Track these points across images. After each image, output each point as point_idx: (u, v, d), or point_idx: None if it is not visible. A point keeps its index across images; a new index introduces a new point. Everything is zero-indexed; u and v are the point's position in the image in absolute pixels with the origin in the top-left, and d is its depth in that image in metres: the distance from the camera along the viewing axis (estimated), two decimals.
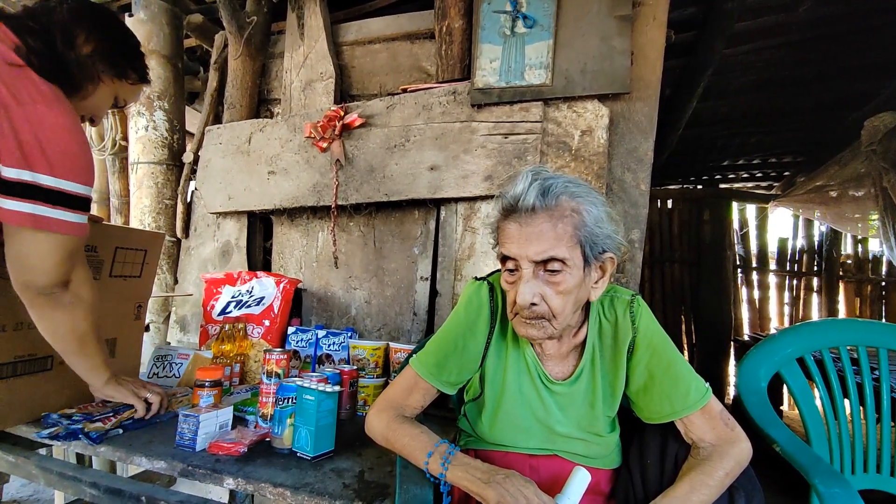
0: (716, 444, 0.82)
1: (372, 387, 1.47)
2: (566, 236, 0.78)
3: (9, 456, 1.15)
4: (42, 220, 0.93)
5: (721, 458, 0.79)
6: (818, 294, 4.75)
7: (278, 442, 1.12)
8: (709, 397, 0.84)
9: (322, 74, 2.01)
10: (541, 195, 0.79)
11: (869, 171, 2.90)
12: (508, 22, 1.61)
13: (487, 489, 0.73)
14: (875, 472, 1.29)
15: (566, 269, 0.79)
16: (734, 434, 0.83)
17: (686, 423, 0.85)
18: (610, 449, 0.96)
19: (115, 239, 1.40)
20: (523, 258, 0.80)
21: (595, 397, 0.92)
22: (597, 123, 1.56)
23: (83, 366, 1.17)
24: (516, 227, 0.80)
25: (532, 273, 0.80)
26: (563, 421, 0.93)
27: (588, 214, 0.80)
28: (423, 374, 0.95)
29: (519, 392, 0.94)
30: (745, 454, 0.81)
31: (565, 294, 0.80)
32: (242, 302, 1.77)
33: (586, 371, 0.93)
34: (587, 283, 0.84)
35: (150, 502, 0.99)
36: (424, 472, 0.84)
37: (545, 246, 0.78)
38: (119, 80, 1.13)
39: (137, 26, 2.14)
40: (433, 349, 0.97)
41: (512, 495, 0.71)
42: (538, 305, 0.81)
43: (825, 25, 2.40)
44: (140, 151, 2.19)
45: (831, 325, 1.50)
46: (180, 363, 1.58)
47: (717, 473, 0.78)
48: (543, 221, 0.78)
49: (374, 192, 1.78)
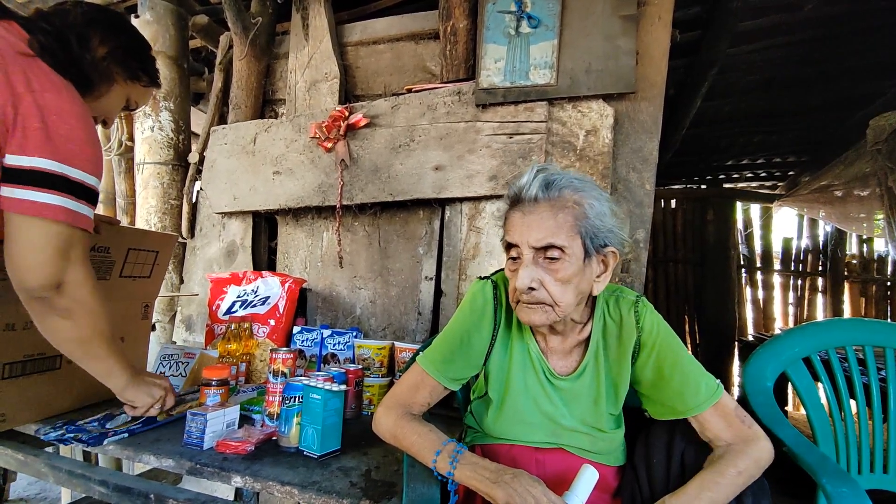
0: (733, 442, 0.81)
1: (377, 386, 1.48)
2: (566, 226, 0.81)
3: (18, 454, 1.16)
4: (35, 206, 0.87)
5: (735, 456, 0.79)
6: (823, 294, 4.73)
7: (285, 441, 1.13)
8: (720, 393, 0.84)
9: (327, 75, 2.02)
10: (544, 187, 0.83)
11: (874, 171, 2.89)
12: (513, 22, 1.62)
13: (496, 489, 0.74)
14: (882, 472, 1.28)
15: (564, 256, 0.82)
16: (751, 432, 0.82)
17: (701, 422, 0.84)
18: (615, 445, 0.97)
19: (128, 240, 1.40)
20: (524, 244, 0.83)
21: (599, 394, 0.94)
22: (602, 123, 1.56)
23: (95, 371, 1.11)
24: (519, 216, 0.84)
25: (532, 259, 0.83)
26: (567, 415, 0.95)
27: (590, 208, 0.83)
28: (429, 371, 0.96)
29: (524, 386, 0.96)
30: (764, 453, 0.80)
31: (564, 282, 0.83)
32: (248, 301, 1.78)
33: (590, 367, 0.94)
34: (588, 275, 0.85)
35: (158, 500, 1.00)
36: (432, 470, 0.84)
37: (544, 233, 0.81)
38: (132, 82, 1.14)
39: (143, 27, 2.16)
40: (439, 346, 0.98)
41: (520, 495, 0.72)
42: (537, 291, 0.83)
43: (830, 24, 2.39)
44: (146, 152, 2.20)
45: (838, 324, 1.49)
46: (186, 362, 1.59)
47: (729, 471, 0.77)
48: (545, 210, 0.82)
49: (379, 192, 1.79)
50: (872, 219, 3.69)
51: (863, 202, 3.54)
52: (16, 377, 1.17)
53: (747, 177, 5.16)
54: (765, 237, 4.89)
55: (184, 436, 1.12)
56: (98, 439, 1.10)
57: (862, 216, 3.73)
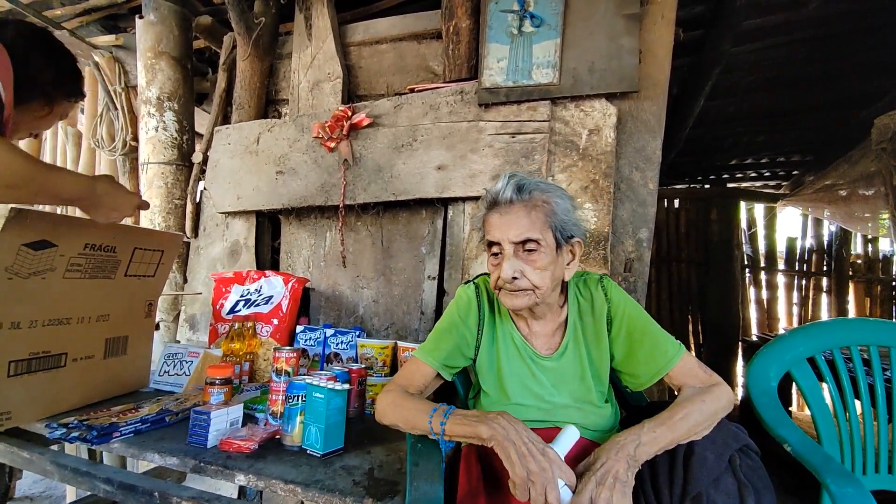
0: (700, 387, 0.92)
1: (380, 385, 1.47)
2: (539, 222, 0.94)
3: (24, 452, 1.17)
4: None
5: (700, 392, 0.89)
6: (828, 294, 4.71)
7: (288, 439, 1.13)
8: (683, 351, 0.96)
9: (329, 75, 2.02)
10: (517, 190, 0.95)
11: (879, 170, 2.87)
12: (516, 21, 1.62)
13: (480, 426, 0.81)
14: (887, 472, 1.27)
15: (540, 248, 0.94)
16: (714, 378, 0.94)
17: (671, 378, 0.95)
18: (605, 419, 1.03)
19: (134, 240, 1.41)
20: (504, 240, 0.95)
21: (583, 370, 1.03)
22: (605, 122, 1.56)
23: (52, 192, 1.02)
24: (498, 217, 0.96)
25: (512, 252, 0.95)
26: (556, 394, 1.03)
27: (557, 206, 0.96)
28: (422, 358, 1.06)
29: (511, 370, 1.05)
30: (724, 390, 0.90)
31: (541, 270, 0.95)
32: (251, 301, 1.78)
33: (571, 345, 1.04)
34: (560, 262, 0.98)
35: (162, 498, 1.00)
36: (429, 429, 0.89)
37: (522, 230, 0.93)
38: (69, 100, 1.21)
39: (147, 28, 2.17)
40: (430, 338, 1.10)
41: (503, 427, 0.78)
42: (519, 279, 0.94)
43: (834, 23, 2.38)
44: (150, 152, 2.21)
45: (842, 324, 1.48)
46: (190, 361, 1.59)
47: (695, 399, 0.86)
48: (519, 210, 0.95)
49: (382, 192, 1.79)
50: (877, 218, 3.67)
51: (868, 201, 3.52)
52: (21, 375, 1.18)
53: (751, 176, 5.14)
54: (769, 237, 4.87)
55: (188, 434, 1.13)
56: (103, 438, 1.11)
57: (867, 216, 3.71)
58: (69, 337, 1.29)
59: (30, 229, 1.11)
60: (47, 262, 1.18)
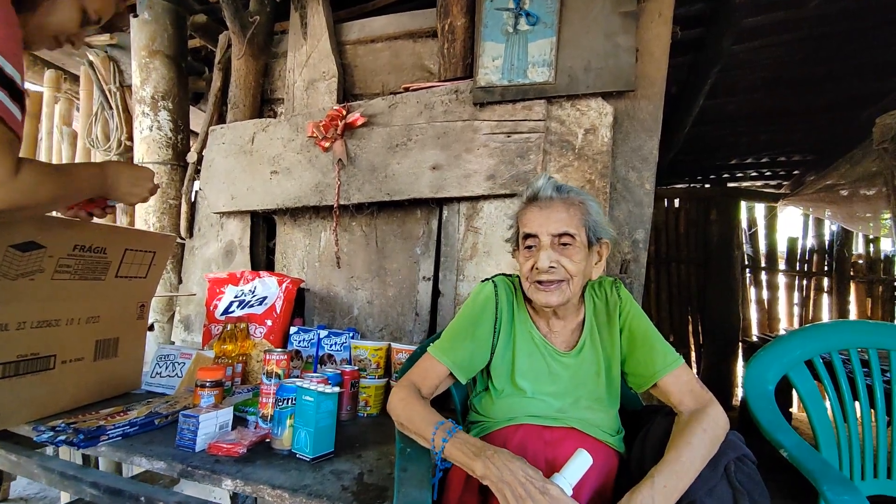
0: (694, 408, 0.91)
1: (373, 388, 1.46)
2: (576, 219, 1.00)
3: (11, 455, 1.16)
4: None
5: (698, 418, 0.87)
6: (828, 295, 4.68)
7: (278, 443, 1.12)
8: (681, 361, 0.97)
9: (325, 74, 2.00)
10: (556, 189, 1.03)
11: (881, 170, 2.84)
12: (511, 19, 1.60)
13: (476, 461, 0.78)
14: (885, 477, 1.26)
15: (575, 243, 0.99)
16: (709, 396, 0.93)
17: (667, 387, 0.95)
18: (611, 419, 1.04)
19: (125, 241, 1.39)
20: (543, 232, 1.00)
21: (599, 367, 1.05)
22: (601, 122, 1.54)
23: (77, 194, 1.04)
24: (538, 210, 1.02)
25: (550, 244, 0.99)
26: (571, 391, 1.03)
27: (590, 207, 1.03)
28: (437, 357, 1.03)
29: (529, 368, 1.05)
30: (720, 413, 0.89)
31: (576, 263, 0.99)
32: (245, 302, 1.77)
33: (588, 342, 1.07)
34: (590, 261, 1.04)
35: (149, 502, 0.99)
36: (430, 443, 0.87)
37: (561, 223, 0.99)
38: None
39: (142, 27, 2.16)
40: (447, 335, 1.08)
41: (497, 468, 0.75)
42: (556, 269, 0.98)
43: (835, 21, 2.35)
44: (144, 151, 2.20)
45: (842, 326, 1.46)
46: (183, 363, 1.58)
47: (696, 431, 0.84)
48: (559, 205, 1.01)
49: (377, 192, 1.77)
50: (879, 218, 3.65)
51: (869, 201, 3.49)
52: (9, 377, 1.17)
53: (752, 176, 5.11)
54: (770, 237, 4.84)
55: (176, 437, 1.12)
56: (90, 441, 1.09)
57: (868, 216, 3.68)
58: (58, 339, 1.27)
59: (16, 231, 1.10)
60: (35, 263, 1.17)
